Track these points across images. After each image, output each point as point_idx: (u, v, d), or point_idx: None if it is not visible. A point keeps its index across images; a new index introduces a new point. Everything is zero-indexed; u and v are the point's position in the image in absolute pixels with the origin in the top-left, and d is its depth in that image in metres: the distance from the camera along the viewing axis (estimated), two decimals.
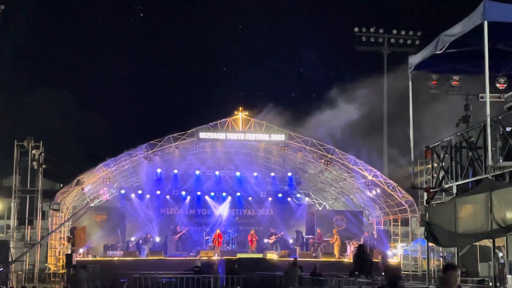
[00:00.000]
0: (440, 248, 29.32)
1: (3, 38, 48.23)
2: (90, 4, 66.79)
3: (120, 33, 65.27)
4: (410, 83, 17.13)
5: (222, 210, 42.86)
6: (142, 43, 69.06)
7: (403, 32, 51.69)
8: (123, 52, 66.93)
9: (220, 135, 36.22)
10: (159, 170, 41.03)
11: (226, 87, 62.20)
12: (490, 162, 13.16)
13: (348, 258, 35.06)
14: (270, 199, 43.61)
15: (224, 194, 43.31)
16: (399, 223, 39.92)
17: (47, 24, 63.50)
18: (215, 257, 35.15)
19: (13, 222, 33.36)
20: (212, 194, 43.26)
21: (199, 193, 42.97)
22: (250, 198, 43.37)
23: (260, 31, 70.68)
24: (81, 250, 35.55)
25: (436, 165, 16.91)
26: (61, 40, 65.09)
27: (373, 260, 29.97)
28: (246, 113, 36.57)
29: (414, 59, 16.58)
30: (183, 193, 42.78)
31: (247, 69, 66.32)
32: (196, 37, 71.04)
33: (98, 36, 64.82)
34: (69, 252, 34.51)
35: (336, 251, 37.63)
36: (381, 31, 51.90)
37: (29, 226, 33.74)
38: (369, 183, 38.07)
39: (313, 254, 37.41)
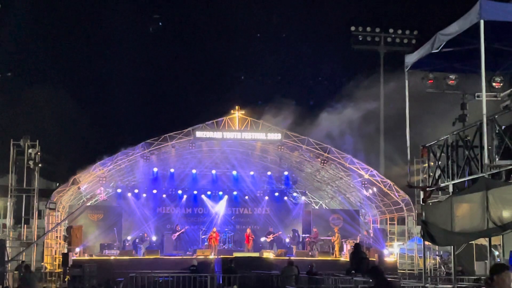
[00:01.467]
0: (437, 247, 29.42)
1: (0, 37, 48.17)
2: (87, 3, 66.80)
3: (116, 34, 65.13)
4: (407, 82, 17.13)
5: (219, 209, 42.93)
6: (139, 43, 68.98)
7: (399, 31, 51.75)
8: (120, 52, 66.81)
9: (217, 134, 36.24)
10: (155, 169, 41.05)
11: (222, 86, 62.24)
12: (486, 161, 13.16)
13: (345, 257, 35.10)
14: (266, 198, 43.68)
15: (220, 193, 43.40)
16: (396, 222, 39.96)
17: (44, 23, 63.44)
18: (212, 256, 35.16)
19: (9, 221, 33.29)
20: (209, 193, 43.33)
21: (195, 192, 43.03)
22: (246, 197, 43.46)
23: (255, 30, 70.61)
24: (77, 249, 35.55)
25: (432, 164, 16.90)
26: (57, 39, 65.06)
27: (370, 259, 30.01)
28: (243, 112, 36.61)
29: (411, 58, 16.57)
30: (180, 192, 42.83)
31: (243, 68, 66.33)
32: (193, 37, 71.10)
33: (95, 36, 64.82)
34: (66, 251, 34.47)
35: (336, 249, 37.64)
36: (377, 30, 51.95)
37: (25, 225, 33.68)
38: (366, 182, 38.12)
39: (310, 253, 37.44)
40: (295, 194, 46.02)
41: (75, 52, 66.38)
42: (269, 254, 36.50)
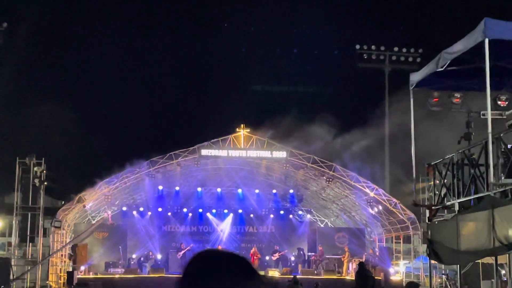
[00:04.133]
0: (443, 265, 29.26)
1: (6, 56, 48.37)
2: (93, 23, 67.07)
3: (122, 53, 65.49)
4: (412, 100, 17.16)
5: (224, 227, 42.86)
6: (144, 61, 69.25)
7: (404, 50, 51.82)
8: (126, 70, 67.10)
9: (222, 152, 36.25)
10: (160, 187, 41.03)
11: (227, 104, 62.30)
12: (492, 179, 13.14)
13: (350, 276, 34.96)
14: (271, 216, 43.59)
15: (225, 211, 43.35)
16: (401, 241, 39.79)
17: (50, 42, 63.73)
18: None
19: (14, 239, 33.26)
20: (214, 211, 43.28)
21: (200, 210, 42.98)
22: (251, 215, 43.38)
23: (261, 49, 70.85)
24: (82, 268, 35.49)
25: (438, 182, 16.89)
26: (64, 58, 65.32)
27: (376, 277, 29.89)
28: (248, 130, 36.65)
29: (416, 77, 16.61)
30: (185, 210, 42.78)
31: (249, 87, 66.43)
32: (199, 54, 71.29)
33: (101, 55, 65.02)
34: (71, 269, 34.43)
35: (344, 268, 37.53)
36: (382, 48, 52.06)
37: (30, 244, 33.65)
38: (371, 200, 38.01)
39: (315, 272, 37.31)
40: (300, 212, 45.90)
41: (81, 71, 66.65)
42: (274, 273, 36.39)
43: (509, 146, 13.47)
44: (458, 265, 16.55)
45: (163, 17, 73.90)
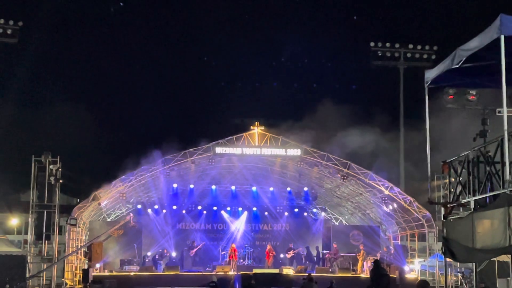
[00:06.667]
0: (458, 263, 29.15)
1: (21, 54, 48.66)
2: (108, 21, 67.32)
3: (138, 50, 65.67)
4: (427, 97, 17.06)
5: (238, 225, 42.92)
6: (159, 59, 69.40)
7: (419, 47, 51.53)
8: (140, 68, 67.29)
9: (236, 150, 36.24)
10: (175, 185, 41.13)
11: (242, 102, 62.34)
12: (507, 177, 13.05)
13: (365, 274, 34.88)
14: (286, 214, 43.60)
15: (240, 209, 43.42)
16: (416, 238, 39.65)
17: (65, 39, 64.02)
18: (231, 272, 35.11)
19: (30, 237, 33.47)
20: (228, 209, 43.36)
21: (215, 208, 43.07)
22: (266, 213, 43.41)
23: (276, 46, 70.79)
24: (97, 265, 35.61)
25: (453, 180, 16.78)
26: (79, 56, 65.53)
27: (390, 275, 29.79)
28: (262, 128, 36.63)
29: (431, 74, 16.50)
30: (199, 207, 42.86)
31: (263, 85, 66.42)
32: (213, 53, 71.34)
33: (117, 53, 65.23)
34: (86, 267, 34.57)
35: (359, 265, 37.46)
36: (397, 45, 51.79)
37: (46, 241, 33.82)
38: (386, 198, 37.89)
39: (330, 270, 37.24)
40: (315, 210, 45.87)
41: (96, 69, 66.86)
42: (289, 271, 36.37)
43: None
44: (474, 263, 16.45)
45: (179, 13, 73.94)
